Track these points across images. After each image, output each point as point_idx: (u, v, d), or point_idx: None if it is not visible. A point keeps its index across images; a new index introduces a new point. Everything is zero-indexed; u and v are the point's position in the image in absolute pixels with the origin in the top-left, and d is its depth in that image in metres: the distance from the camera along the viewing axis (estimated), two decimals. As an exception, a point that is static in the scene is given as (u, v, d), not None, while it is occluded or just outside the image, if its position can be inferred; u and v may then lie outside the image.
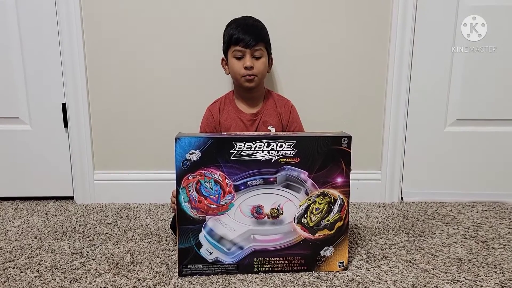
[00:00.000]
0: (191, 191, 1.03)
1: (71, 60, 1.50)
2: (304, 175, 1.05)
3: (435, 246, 1.25)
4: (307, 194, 1.06)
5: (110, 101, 1.56)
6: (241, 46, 1.24)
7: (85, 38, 1.50)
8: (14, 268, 1.11)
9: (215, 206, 1.04)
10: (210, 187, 1.03)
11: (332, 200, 1.07)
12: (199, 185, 1.03)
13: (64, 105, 1.54)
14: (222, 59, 1.35)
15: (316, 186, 1.05)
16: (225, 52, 1.31)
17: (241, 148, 1.02)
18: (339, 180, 1.06)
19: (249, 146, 1.03)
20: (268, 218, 1.06)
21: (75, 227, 1.38)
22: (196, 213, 1.04)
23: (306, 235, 1.07)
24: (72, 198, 1.64)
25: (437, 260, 1.16)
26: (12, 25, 1.49)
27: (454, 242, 1.27)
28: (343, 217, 1.08)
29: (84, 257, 1.17)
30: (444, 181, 1.64)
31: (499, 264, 1.13)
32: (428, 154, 1.62)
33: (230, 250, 1.07)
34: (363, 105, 1.57)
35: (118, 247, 1.23)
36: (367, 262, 1.15)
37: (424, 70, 1.54)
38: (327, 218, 1.07)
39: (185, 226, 1.05)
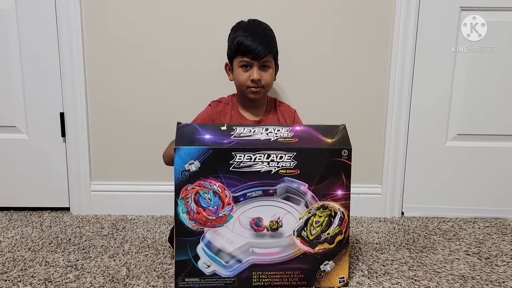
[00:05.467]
0: (190, 202, 1.01)
1: (70, 69, 1.49)
2: (304, 187, 1.03)
3: (438, 262, 1.22)
4: (307, 206, 1.04)
5: (108, 111, 1.54)
6: (249, 57, 1.18)
7: (85, 47, 1.49)
8: (6, 280, 1.08)
9: (213, 217, 1.02)
10: (209, 198, 1.02)
11: (333, 213, 1.05)
12: (198, 196, 1.01)
13: (62, 115, 1.53)
14: (226, 64, 1.29)
15: (316, 198, 1.04)
16: (230, 58, 1.26)
17: (240, 159, 1.01)
18: (339, 192, 1.04)
19: (249, 157, 1.01)
20: (267, 230, 1.04)
21: (70, 239, 1.35)
22: (194, 224, 1.02)
23: (306, 248, 1.05)
24: (67, 209, 1.61)
25: (440, 277, 1.13)
26: (12, 33, 1.48)
27: (457, 258, 1.25)
28: (344, 230, 1.06)
29: (78, 270, 1.14)
30: (445, 196, 1.62)
31: (503, 282, 1.11)
32: (429, 168, 1.60)
33: (228, 263, 1.04)
34: (364, 118, 1.56)
35: (114, 260, 1.21)
36: (368, 278, 1.12)
37: (425, 84, 1.54)
38: (327, 232, 1.05)
39: (183, 238, 1.02)
